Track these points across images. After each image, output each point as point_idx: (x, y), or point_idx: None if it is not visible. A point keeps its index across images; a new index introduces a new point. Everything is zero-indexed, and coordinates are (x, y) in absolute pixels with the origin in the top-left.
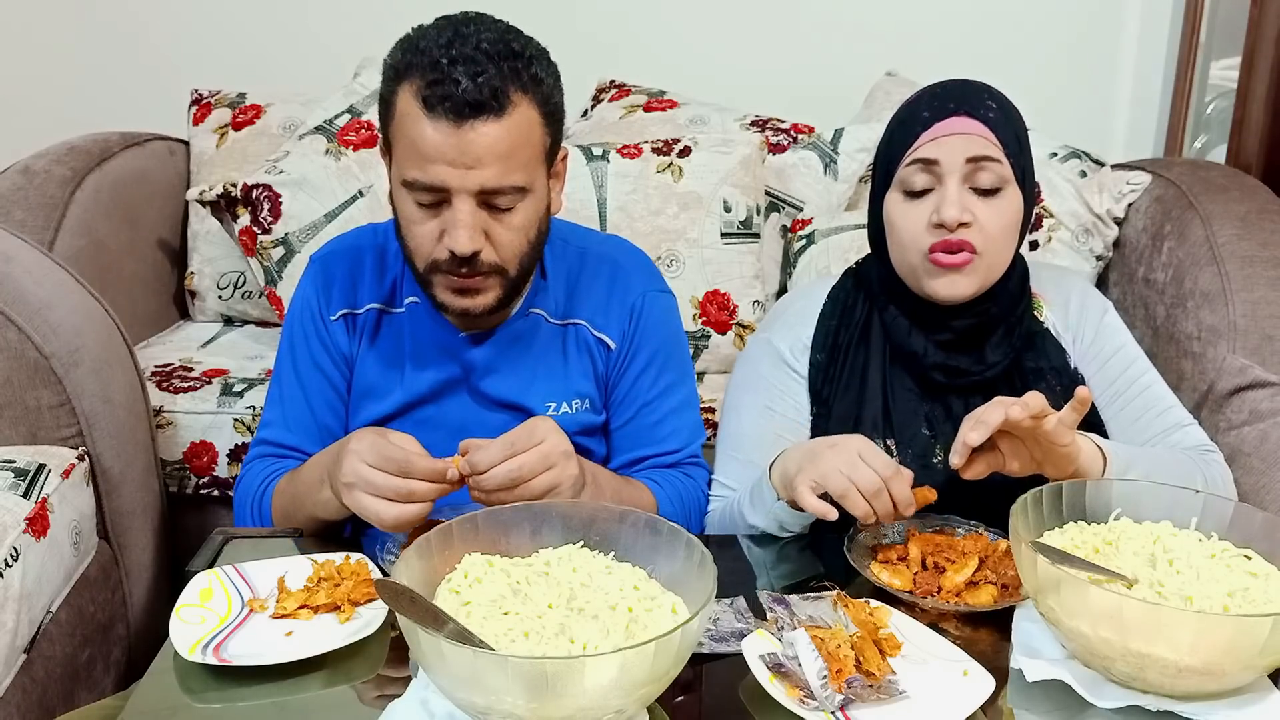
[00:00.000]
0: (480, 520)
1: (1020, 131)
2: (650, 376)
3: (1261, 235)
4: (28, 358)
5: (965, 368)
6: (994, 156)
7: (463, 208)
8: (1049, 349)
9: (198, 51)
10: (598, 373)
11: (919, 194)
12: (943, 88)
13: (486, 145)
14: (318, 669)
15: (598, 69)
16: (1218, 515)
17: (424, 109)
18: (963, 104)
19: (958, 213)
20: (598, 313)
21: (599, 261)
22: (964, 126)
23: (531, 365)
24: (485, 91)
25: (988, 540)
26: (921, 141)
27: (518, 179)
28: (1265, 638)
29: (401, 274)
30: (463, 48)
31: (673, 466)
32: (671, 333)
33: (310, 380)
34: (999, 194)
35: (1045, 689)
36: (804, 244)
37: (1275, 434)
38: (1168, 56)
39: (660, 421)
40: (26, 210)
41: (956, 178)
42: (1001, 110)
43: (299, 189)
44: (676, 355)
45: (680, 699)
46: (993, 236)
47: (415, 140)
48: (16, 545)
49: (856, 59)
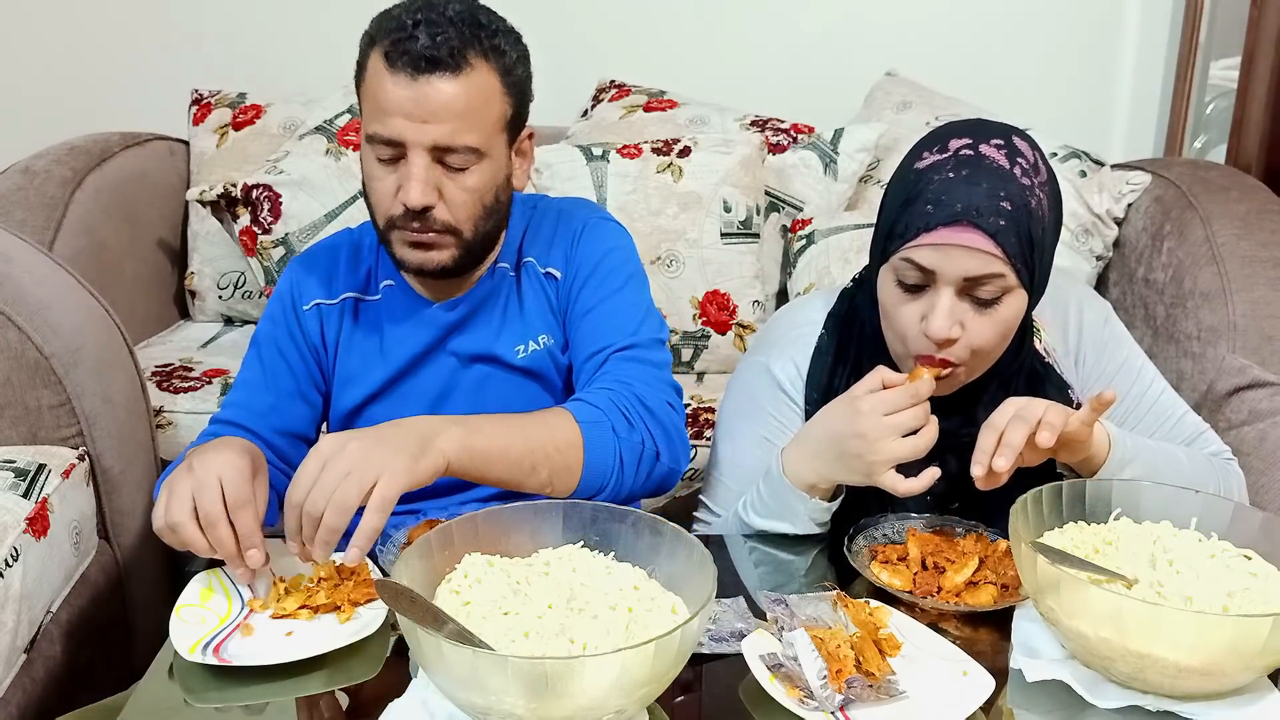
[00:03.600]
0: (480, 520)
1: (1035, 225)
2: (593, 287)
3: (1261, 235)
4: (28, 358)
5: (953, 430)
6: (996, 273)
7: (417, 161)
8: (1050, 391)
9: (198, 51)
10: (553, 307)
11: (912, 288)
12: (957, 172)
13: (442, 101)
14: (318, 669)
15: (598, 69)
16: (1217, 515)
17: (386, 65)
18: (970, 210)
19: (946, 329)
20: (544, 250)
21: (546, 210)
22: (967, 239)
23: (497, 315)
24: (444, 50)
25: (988, 540)
26: (920, 242)
27: (471, 139)
28: (1265, 638)
29: (376, 263)
30: (429, 13)
31: (604, 364)
32: (613, 248)
33: (273, 367)
34: (996, 303)
35: (1045, 689)
36: (804, 244)
37: (1275, 434)
38: (1168, 56)
39: (600, 324)
40: (27, 210)
41: (951, 290)
42: (1015, 211)
43: (299, 189)
44: (623, 267)
45: (680, 699)
46: (980, 349)
47: (376, 94)
48: (17, 545)
49: (856, 59)
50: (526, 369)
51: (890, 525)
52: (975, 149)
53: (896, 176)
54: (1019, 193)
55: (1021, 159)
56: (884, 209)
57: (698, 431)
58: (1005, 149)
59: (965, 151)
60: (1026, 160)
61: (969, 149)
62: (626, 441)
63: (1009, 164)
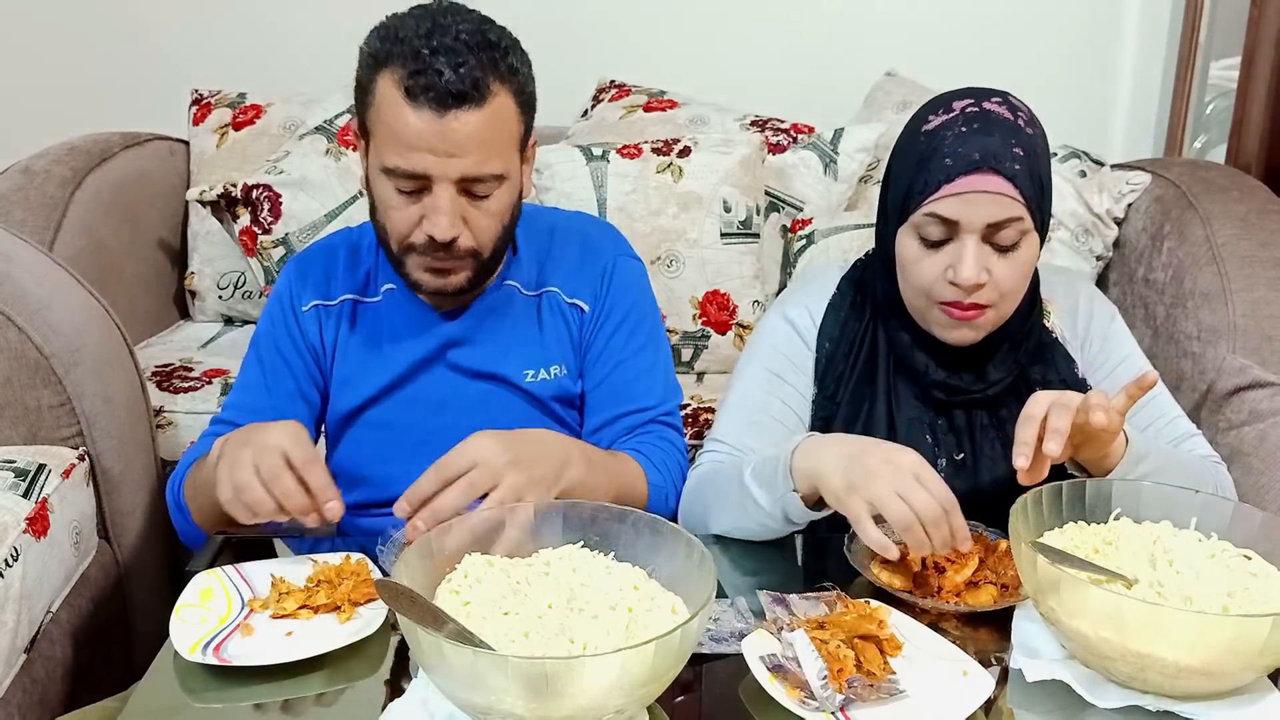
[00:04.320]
0: (480, 520)
1: (1043, 171)
2: (624, 335)
3: (1261, 235)
4: (28, 358)
5: (966, 386)
6: (1015, 216)
7: (443, 195)
8: (1058, 360)
9: (198, 51)
10: (573, 338)
11: (935, 243)
12: (968, 125)
13: (467, 134)
14: (318, 669)
15: (598, 69)
16: (1217, 515)
17: (406, 98)
18: (988, 157)
19: (976, 275)
20: (569, 279)
21: (568, 234)
22: (989, 184)
23: (507, 335)
24: (467, 82)
25: (988, 540)
26: (942, 194)
27: (496, 166)
28: (1265, 638)
29: (376, 265)
30: (443, 38)
31: (648, 424)
32: (643, 296)
33: (273, 368)
34: (1016, 247)
35: (1045, 689)
36: (804, 244)
37: (1275, 434)
38: (1167, 56)
39: (634, 379)
40: (27, 210)
41: (976, 237)
42: (1028, 155)
43: (299, 189)
44: (650, 319)
45: (680, 699)
46: (1007, 292)
47: (396, 128)
48: (17, 545)
49: (856, 59)
50: (533, 393)
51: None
52: (979, 105)
53: (903, 142)
54: (1028, 140)
55: (1021, 113)
56: (894, 174)
57: (697, 431)
58: (1005, 105)
59: (970, 109)
60: (1025, 114)
61: (973, 107)
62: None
63: (1013, 116)
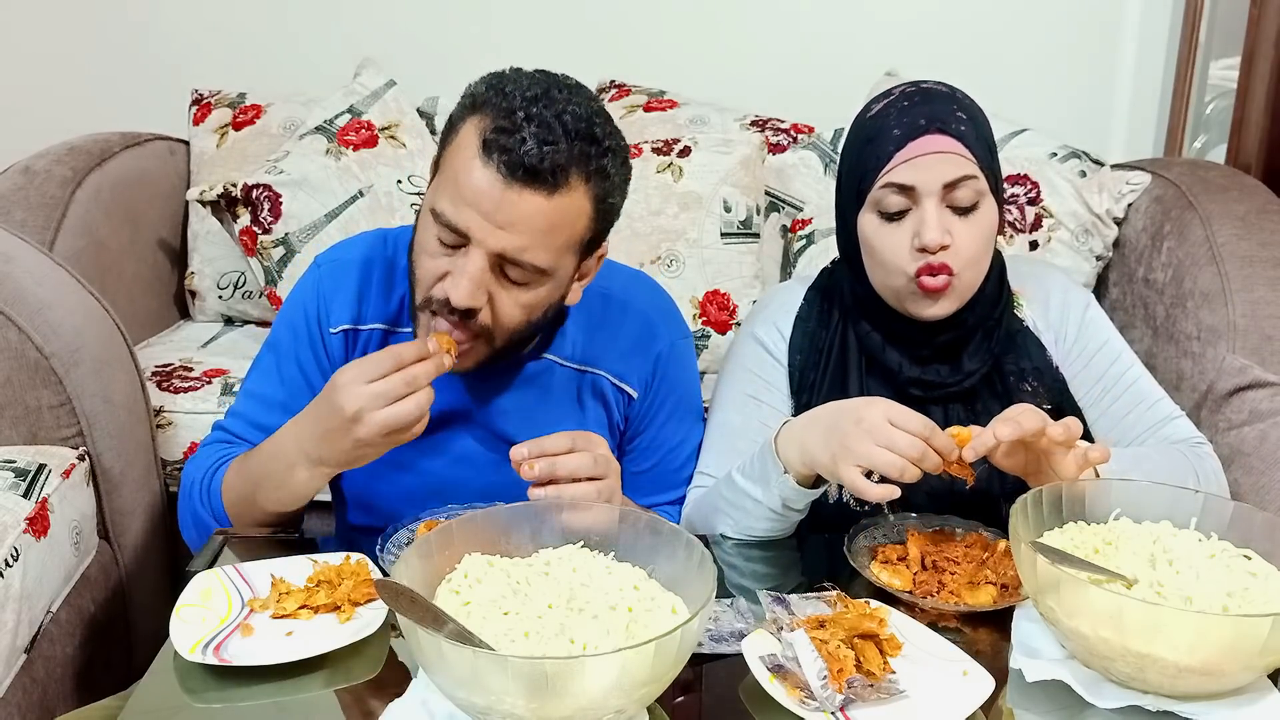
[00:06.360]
0: (480, 520)
1: (988, 136)
2: (674, 424)
3: (1261, 235)
4: (28, 358)
5: (941, 380)
6: (970, 174)
7: (476, 261)
8: (1029, 348)
9: (198, 51)
10: (613, 420)
11: (895, 215)
12: (909, 100)
13: (523, 214)
14: (318, 669)
15: (598, 69)
16: (1217, 515)
17: (481, 151)
18: (934, 120)
19: (939, 236)
20: (619, 361)
21: (623, 309)
22: (938, 145)
23: (545, 409)
24: (546, 162)
25: (988, 540)
26: (895, 163)
27: (541, 259)
28: (1265, 638)
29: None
30: (544, 110)
31: None
32: (693, 378)
33: (293, 384)
34: (975, 209)
35: (1045, 689)
36: (804, 244)
37: (1275, 434)
38: (1167, 56)
39: (681, 466)
40: (27, 210)
41: (935, 200)
42: (971, 120)
43: (299, 189)
44: (697, 399)
45: (680, 699)
46: (969, 258)
47: (459, 176)
48: (17, 545)
49: (856, 59)
50: None
51: (890, 525)
52: (917, 85)
53: (851, 134)
54: (969, 105)
55: (959, 91)
56: (846, 160)
57: None
58: (942, 84)
59: (909, 89)
60: (962, 93)
61: (911, 87)
62: None
63: (950, 90)
